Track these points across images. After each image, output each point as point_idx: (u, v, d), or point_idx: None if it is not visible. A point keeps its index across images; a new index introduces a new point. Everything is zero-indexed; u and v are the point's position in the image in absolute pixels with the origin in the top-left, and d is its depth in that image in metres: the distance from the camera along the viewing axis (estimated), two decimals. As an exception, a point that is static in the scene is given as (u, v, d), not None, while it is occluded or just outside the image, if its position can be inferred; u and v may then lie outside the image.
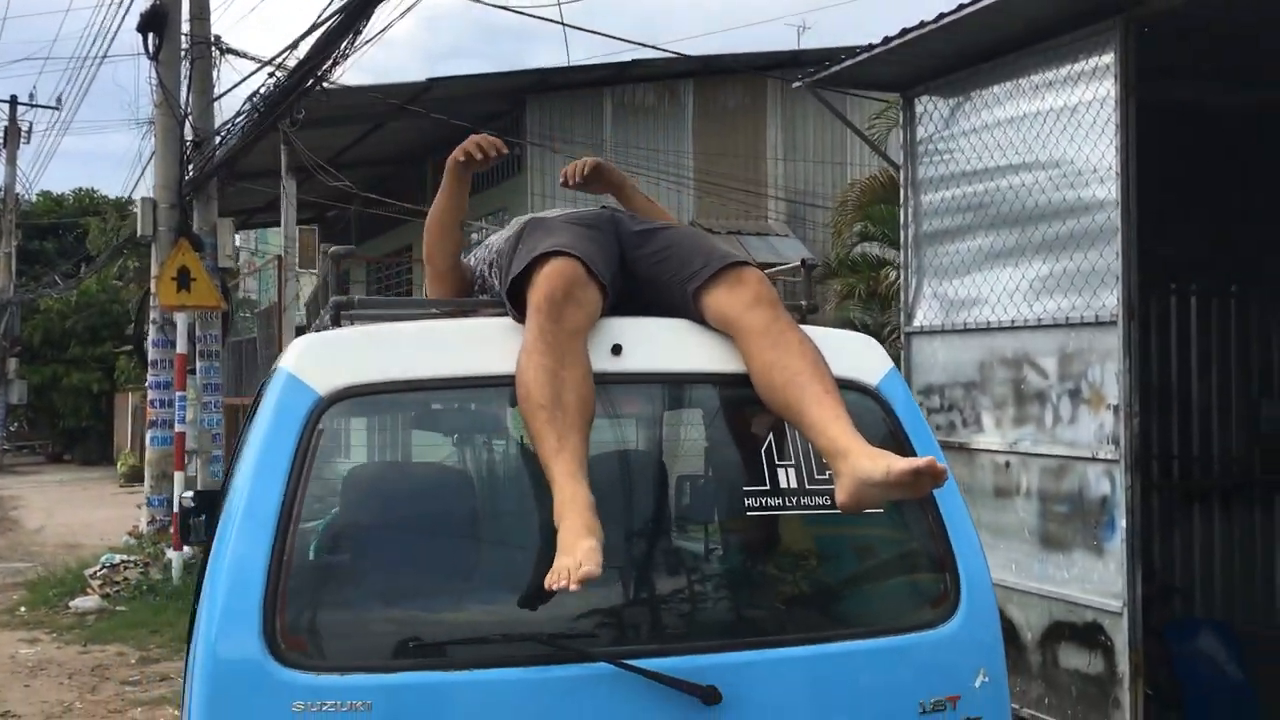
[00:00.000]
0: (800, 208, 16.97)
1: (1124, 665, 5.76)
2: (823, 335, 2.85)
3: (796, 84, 7.74)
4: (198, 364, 12.41)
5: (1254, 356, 8.11)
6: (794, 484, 2.65)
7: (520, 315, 2.64)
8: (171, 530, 11.33)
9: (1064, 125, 6.17)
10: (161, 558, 11.29)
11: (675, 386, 2.77)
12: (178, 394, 11.46)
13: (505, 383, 2.54)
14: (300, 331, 13.18)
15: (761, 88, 17.02)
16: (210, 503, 4.35)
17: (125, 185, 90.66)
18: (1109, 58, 5.90)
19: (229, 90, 25.29)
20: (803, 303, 3.11)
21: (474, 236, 20.21)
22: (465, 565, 2.59)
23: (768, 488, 2.64)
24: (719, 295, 2.72)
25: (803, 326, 2.78)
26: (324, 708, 2.30)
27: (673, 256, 2.81)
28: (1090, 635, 5.98)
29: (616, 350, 2.65)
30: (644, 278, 2.82)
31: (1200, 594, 7.75)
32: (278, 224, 24.60)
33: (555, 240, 2.67)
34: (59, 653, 9.16)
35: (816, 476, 2.66)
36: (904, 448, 2.73)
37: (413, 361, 2.59)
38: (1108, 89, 5.90)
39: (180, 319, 11.36)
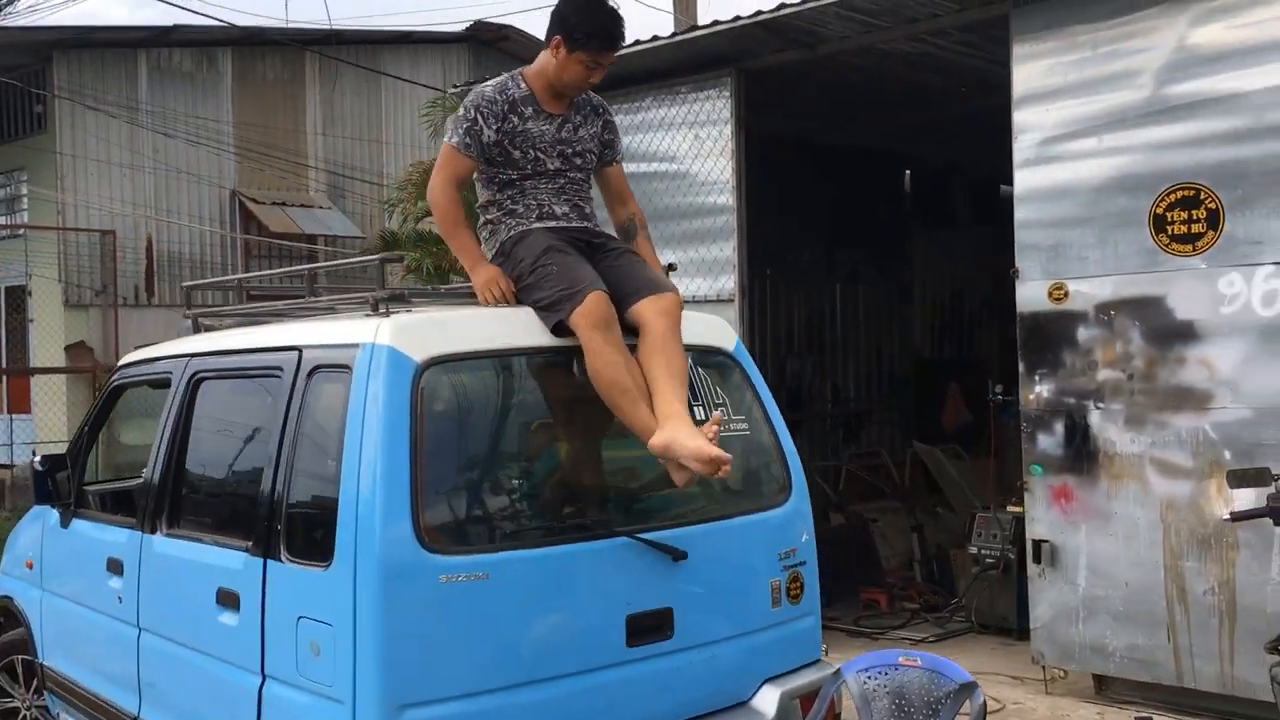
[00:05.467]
0: (341, 180, 17.68)
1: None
2: (696, 316, 4.25)
3: (455, 89, 8.84)
4: None
5: (782, 325, 10.50)
6: (700, 417, 4.00)
7: (548, 319, 3.71)
8: None
9: (697, 146, 7.89)
10: None
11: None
12: None
13: (533, 352, 3.70)
14: None
15: (300, 62, 17.45)
16: (58, 465, 4.87)
17: None
18: (726, 95, 7.70)
19: None
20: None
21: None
22: (532, 478, 3.70)
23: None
24: (642, 305, 3.90)
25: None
26: (459, 579, 3.33)
27: (621, 272, 3.95)
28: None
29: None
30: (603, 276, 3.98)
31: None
32: None
33: (582, 273, 3.74)
34: None
35: (711, 412, 4.04)
36: (751, 389, 4.22)
37: (471, 338, 3.63)
38: (726, 122, 7.69)
39: None
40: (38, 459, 4.83)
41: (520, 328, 3.72)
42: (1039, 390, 6.41)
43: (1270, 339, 5.58)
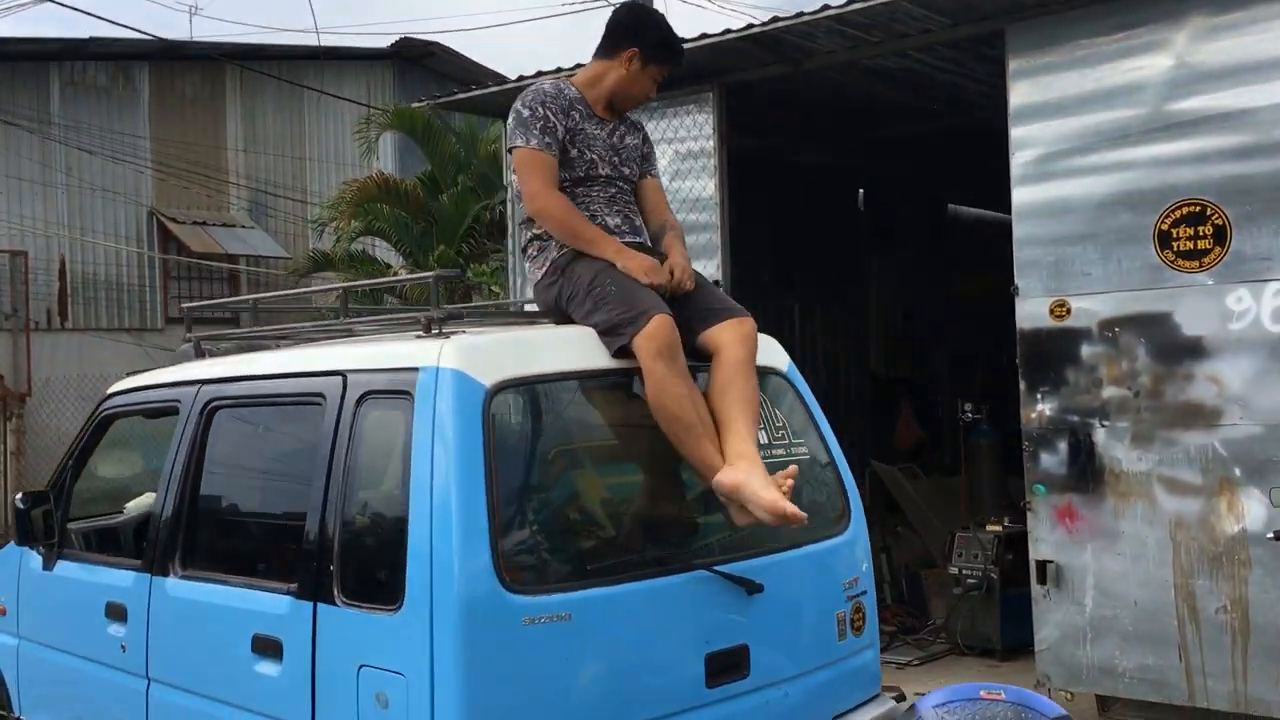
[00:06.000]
0: (264, 198, 17.12)
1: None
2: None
3: (420, 104, 8.54)
4: None
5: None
6: (763, 440, 3.80)
7: (610, 344, 3.47)
8: None
9: (678, 163, 7.70)
10: None
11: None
12: None
13: (603, 375, 3.45)
14: None
15: (221, 77, 16.87)
16: (39, 501, 4.49)
17: None
18: (708, 110, 7.53)
19: None
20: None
21: None
22: (609, 509, 3.44)
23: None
24: (721, 329, 3.68)
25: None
26: (541, 620, 3.08)
27: (694, 298, 3.74)
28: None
29: None
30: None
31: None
32: None
33: (642, 295, 3.49)
34: None
35: (775, 439, 3.85)
36: (805, 408, 4.04)
37: (539, 360, 3.38)
38: (709, 138, 7.53)
39: None
40: (19, 496, 4.41)
41: (589, 349, 3.49)
42: (1041, 408, 6.33)
43: (1281, 355, 5.57)
